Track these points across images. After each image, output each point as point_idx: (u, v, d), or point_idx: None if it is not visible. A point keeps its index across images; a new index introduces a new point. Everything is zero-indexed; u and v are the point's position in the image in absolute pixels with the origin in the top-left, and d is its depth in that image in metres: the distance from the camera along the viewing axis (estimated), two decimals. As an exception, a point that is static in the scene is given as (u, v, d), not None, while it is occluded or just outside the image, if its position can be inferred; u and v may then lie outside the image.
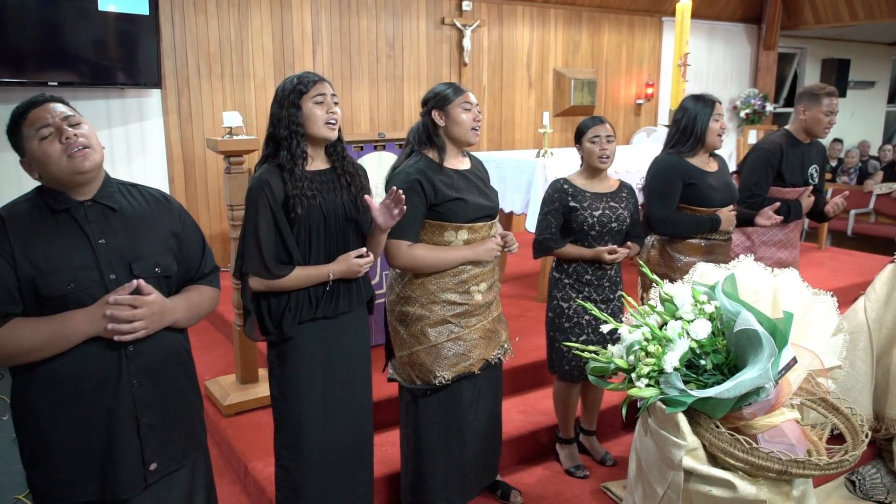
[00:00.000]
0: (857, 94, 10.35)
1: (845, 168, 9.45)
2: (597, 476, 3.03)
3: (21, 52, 4.17)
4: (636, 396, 1.93)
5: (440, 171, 2.41)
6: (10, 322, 1.58)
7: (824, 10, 8.27)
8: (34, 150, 1.61)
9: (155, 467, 1.73)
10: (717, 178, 2.98)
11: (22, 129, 1.62)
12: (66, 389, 1.62)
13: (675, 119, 3.02)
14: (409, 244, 2.38)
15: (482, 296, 2.49)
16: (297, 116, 2.09)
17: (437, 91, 2.45)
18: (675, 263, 2.97)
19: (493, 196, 2.55)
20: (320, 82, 2.14)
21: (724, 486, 1.91)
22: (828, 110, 3.26)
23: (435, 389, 2.47)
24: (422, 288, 2.42)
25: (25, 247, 1.58)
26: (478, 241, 2.46)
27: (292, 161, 2.08)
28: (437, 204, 2.38)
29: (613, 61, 7.68)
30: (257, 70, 5.52)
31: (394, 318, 2.51)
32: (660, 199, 2.95)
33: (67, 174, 1.62)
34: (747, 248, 3.39)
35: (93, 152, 1.64)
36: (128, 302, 1.61)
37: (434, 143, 2.45)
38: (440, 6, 6.37)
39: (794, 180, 3.34)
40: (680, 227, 2.94)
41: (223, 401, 3.27)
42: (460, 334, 2.45)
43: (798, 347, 1.99)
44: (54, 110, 1.63)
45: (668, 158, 2.97)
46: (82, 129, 1.64)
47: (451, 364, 2.44)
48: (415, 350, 2.45)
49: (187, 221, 1.86)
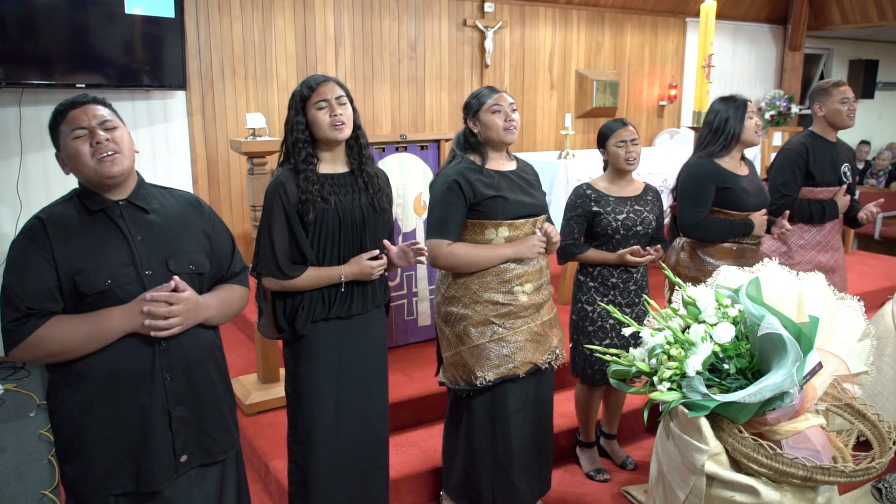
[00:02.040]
0: (886, 95, 10.18)
1: (874, 171, 9.29)
2: (617, 480, 3.01)
3: (49, 55, 4.24)
4: (658, 400, 1.91)
5: (480, 172, 2.41)
6: (51, 320, 1.63)
7: (852, 10, 8.14)
8: (68, 147, 1.68)
9: (185, 459, 1.77)
10: (749, 181, 2.95)
11: (60, 126, 1.69)
12: (101, 384, 1.66)
13: (707, 121, 3.00)
14: (448, 243, 2.38)
15: (528, 297, 2.45)
16: (302, 123, 2.15)
17: (471, 98, 2.47)
18: (706, 267, 2.93)
19: (540, 195, 2.53)
20: (323, 84, 2.15)
21: (747, 492, 1.88)
22: (843, 98, 3.21)
23: (479, 391, 2.45)
24: (464, 288, 2.42)
25: (65, 246, 1.64)
26: (520, 238, 2.43)
27: (300, 166, 2.13)
28: (477, 203, 2.38)
29: (636, 62, 7.63)
30: (280, 72, 5.57)
31: (440, 319, 2.52)
32: (693, 203, 2.91)
33: (95, 176, 1.68)
34: (784, 253, 3.30)
35: (122, 158, 1.69)
36: (164, 299, 1.66)
37: (476, 149, 2.47)
38: (462, 7, 6.38)
39: (826, 179, 3.27)
40: (713, 231, 2.91)
41: (245, 400, 3.30)
42: (504, 335, 2.41)
43: (824, 352, 1.96)
44: (93, 112, 1.69)
45: (702, 162, 2.94)
46: (116, 134, 1.70)
47: (494, 365, 2.41)
48: (458, 350, 2.45)
49: (217, 222, 1.92)
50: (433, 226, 2.40)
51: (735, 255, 2.93)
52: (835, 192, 3.29)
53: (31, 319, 1.62)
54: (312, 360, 2.21)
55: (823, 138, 3.31)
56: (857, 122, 3.37)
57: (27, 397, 3.87)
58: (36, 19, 4.14)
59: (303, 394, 2.23)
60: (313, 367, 2.21)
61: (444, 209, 2.37)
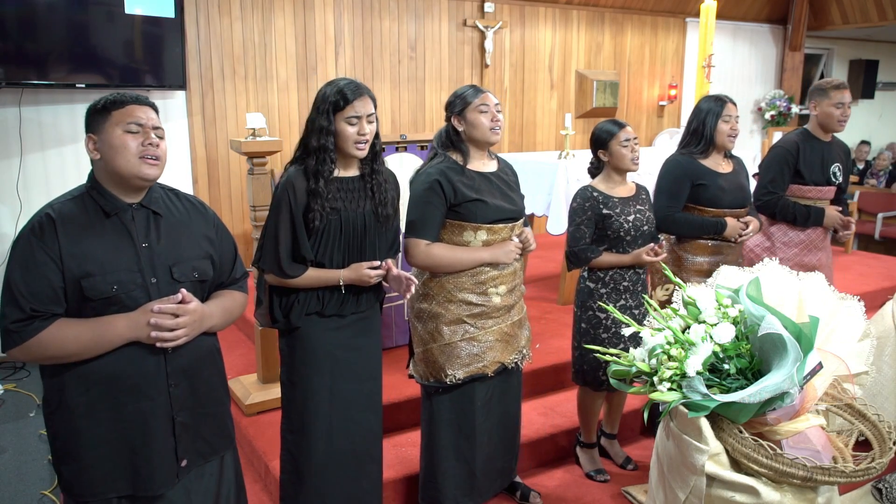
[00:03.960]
0: (886, 95, 10.17)
1: (874, 171, 9.28)
2: (617, 480, 3.01)
3: (50, 55, 4.24)
4: (658, 400, 1.91)
5: (461, 173, 2.42)
6: (55, 323, 1.62)
7: (852, 11, 8.14)
8: (113, 136, 1.65)
9: (186, 464, 1.77)
10: (729, 179, 2.96)
11: (112, 114, 1.66)
12: (102, 388, 1.66)
13: (689, 121, 3.05)
14: (427, 243, 2.40)
15: (501, 298, 2.48)
16: (329, 131, 2.11)
17: (454, 97, 2.47)
18: (684, 262, 3.00)
19: (518, 199, 2.55)
20: (360, 100, 2.11)
21: (748, 492, 1.88)
22: (837, 102, 3.20)
23: (447, 388, 2.49)
24: (439, 286, 2.44)
25: (74, 248, 1.62)
26: (497, 243, 2.45)
27: (318, 172, 2.12)
28: (457, 204, 2.39)
29: (636, 62, 7.63)
30: (280, 72, 5.57)
31: (412, 315, 2.55)
32: (667, 197, 2.97)
33: (130, 173, 1.67)
34: (767, 248, 3.31)
35: (161, 165, 1.71)
36: (171, 311, 1.66)
37: (457, 147, 2.47)
38: (462, 8, 6.38)
39: (814, 178, 3.26)
40: (683, 226, 2.95)
41: (244, 400, 3.30)
42: (475, 335, 2.45)
43: (824, 352, 1.96)
44: (152, 116, 1.71)
45: (679, 158, 2.99)
46: (163, 144, 1.72)
47: (464, 364, 2.45)
48: (429, 347, 2.48)
49: (221, 228, 1.92)
50: (412, 224, 2.42)
51: (712, 251, 2.97)
52: (824, 193, 3.28)
53: (35, 321, 1.60)
54: (307, 350, 2.24)
55: (816, 137, 3.30)
56: (857, 122, 3.37)
57: (27, 397, 3.87)
58: (36, 19, 4.14)
59: (297, 383, 2.26)
60: (307, 357, 2.24)
61: (423, 208, 2.39)
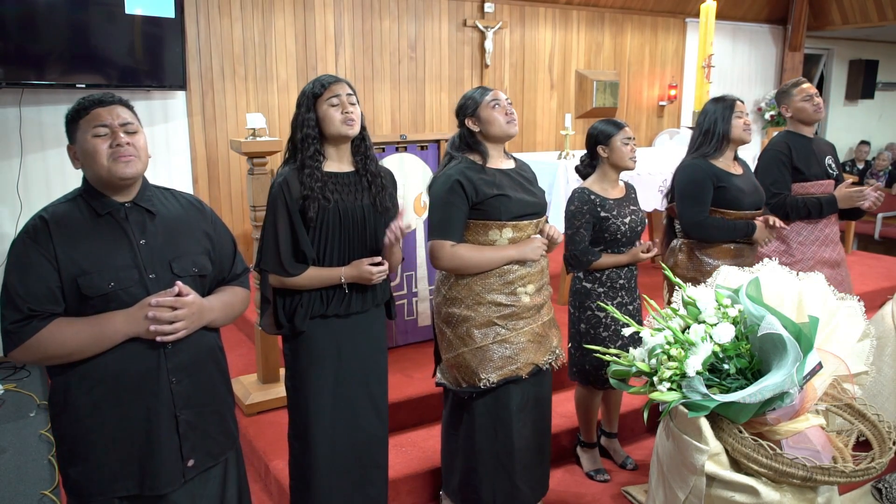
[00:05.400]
0: (886, 95, 10.17)
1: (874, 171, 9.29)
2: (617, 480, 3.01)
3: (50, 55, 4.24)
4: (658, 400, 1.91)
5: (481, 171, 2.39)
6: (53, 322, 1.62)
7: (852, 11, 8.15)
8: (85, 143, 1.67)
9: (192, 463, 1.77)
10: (744, 180, 2.96)
11: (80, 122, 1.68)
12: (106, 387, 1.66)
13: (698, 122, 3.03)
14: (452, 244, 2.35)
15: (530, 298, 2.43)
16: (312, 119, 2.16)
17: (464, 100, 2.46)
18: (705, 267, 2.92)
19: (540, 194, 2.51)
20: (335, 83, 2.18)
21: (747, 492, 1.88)
22: (804, 96, 3.25)
23: (481, 393, 2.43)
24: (467, 289, 2.39)
25: (68, 247, 1.63)
26: (524, 240, 2.41)
27: (307, 162, 2.15)
28: (480, 202, 2.35)
29: (636, 63, 7.63)
30: (280, 72, 5.57)
31: (440, 320, 2.49)
32: (693, 203, 2.92)
33: (108, 176, 1.67)
34: (783, 251, 3.28)
35: (137, 161, 1.70)
36: (168, 304, 1.66)
37: (475, 148, 2.45)
38: (462, 8, 6.38)
39: (813, 172, 3.27)
40: (716, 231, 2.91)
41: (245, 400, 3.30)
42: (507, 336, 2.40)
43: (824, 352, 1.96)
44: (117, 113, 1.70)
45: (697, 162, 2.95)
46: (135, 139, 1.71)
47: (497, 367, 2.39)
48: (461, 352, 2.42)
49: (219, 224, 1.92)
50: (435, 226, 2.37)
51: (734, 255, 2.94)
52: (825, 186, 3.29)
53: (34, 321, 1.61)
54: (311, 356, 2.23)
55: (801, 134, 3.33)
56: (857, 122, 3.38)
57: (27, 397, 3.87)
58: (36, 19, 4.14)
59: (301, 389, 2.25)
60: (311, 362, 2.23)
61: (446, 209, 2.35)
